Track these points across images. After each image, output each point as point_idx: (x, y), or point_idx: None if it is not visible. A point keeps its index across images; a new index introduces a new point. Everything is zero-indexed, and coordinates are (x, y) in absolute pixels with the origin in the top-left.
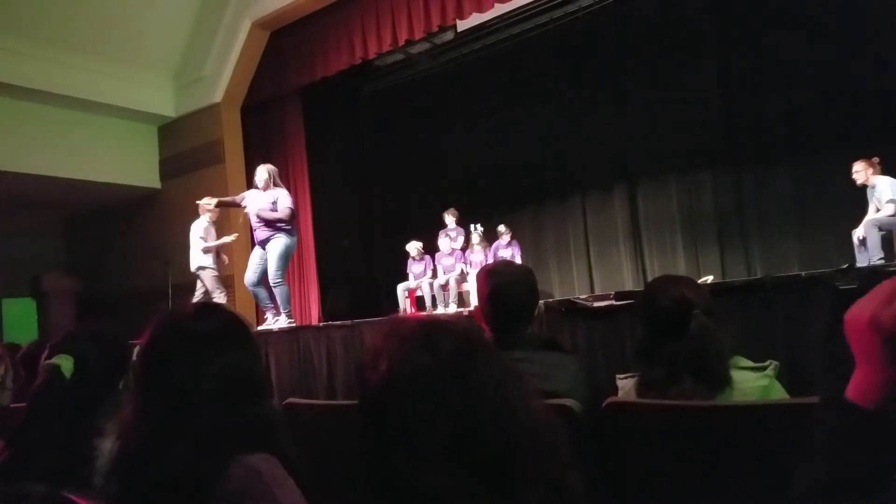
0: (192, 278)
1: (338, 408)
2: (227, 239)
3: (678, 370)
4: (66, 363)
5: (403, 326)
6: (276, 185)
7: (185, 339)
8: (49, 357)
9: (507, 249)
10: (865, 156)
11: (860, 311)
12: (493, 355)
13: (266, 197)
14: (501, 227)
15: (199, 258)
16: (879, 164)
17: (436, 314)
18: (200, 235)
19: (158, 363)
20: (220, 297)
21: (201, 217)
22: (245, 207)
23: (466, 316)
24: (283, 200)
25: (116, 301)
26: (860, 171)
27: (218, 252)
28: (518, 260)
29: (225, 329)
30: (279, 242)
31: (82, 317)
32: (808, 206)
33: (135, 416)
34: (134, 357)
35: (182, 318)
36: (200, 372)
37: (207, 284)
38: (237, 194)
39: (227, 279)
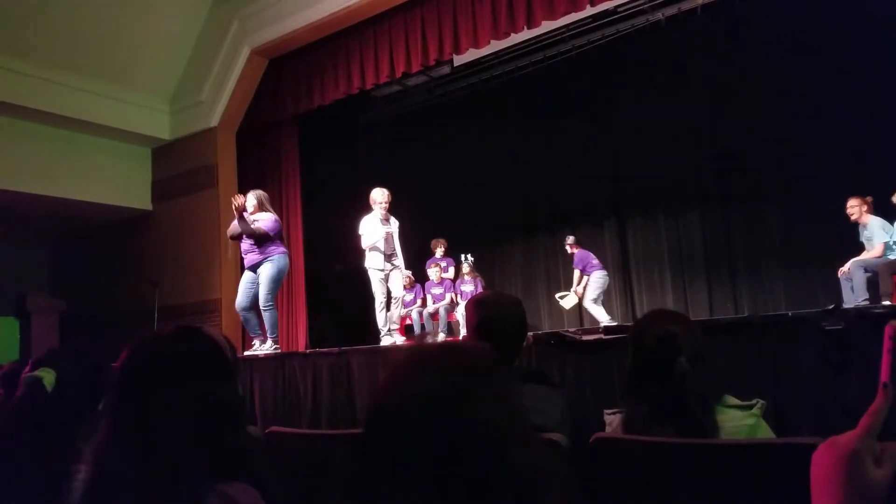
0: (179, 301)
1: (322, 437)
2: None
3: (659, 414)
4: (48, 376)
5: (419, 351)
6: (264, 209)
7: (160, 363)
8: (31, 371)
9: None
10: (856, 194)
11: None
12: (499, 389)
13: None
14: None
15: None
16: (872, 202)
17: (456, 339)
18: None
19: (133, 386)
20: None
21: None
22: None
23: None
24: (264, 224)
25: (102, 323)
26: (855, 207)
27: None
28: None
29: (201, 354)
30: (272, 265)
31: (66, 337)
32: (796, 244)
33: (108, 440)
34: None
35: (158, 342)
36: (174, 396)
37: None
38: (229, 219)
39: (213, 303)
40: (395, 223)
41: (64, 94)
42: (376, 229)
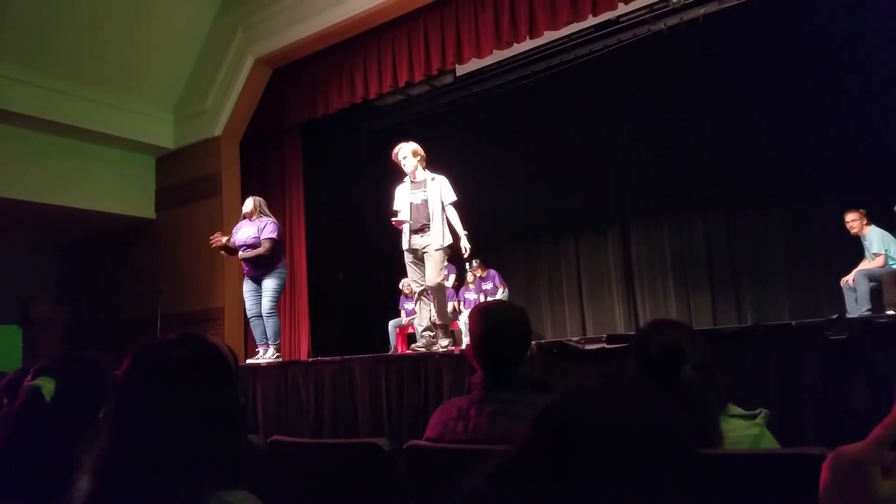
0: (182, 309)
1: (324, 446)
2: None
3: None
4: (47, 385)
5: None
6: (263, 214)
7: (163, 369)
8: (32, 380)
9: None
10: (854, 206)
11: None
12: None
13: (252, 228)
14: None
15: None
16: (865, 214)
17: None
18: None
19: (134, 393)
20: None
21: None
22: (235, 243)
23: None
24: (267, 229)
25: (105, 330)
26: (856, 221)
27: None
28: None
29: (204, 360)
30: (274, 278)
31: (70, 345)
32: (800, 252)
33: (109, 447)
34: None
35: (162, 348)
36: (177, 403)
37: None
38: (232, 227)
39: (216, 311)
40: (435, 184)
41: (68, 103)
42: (401, 200)
